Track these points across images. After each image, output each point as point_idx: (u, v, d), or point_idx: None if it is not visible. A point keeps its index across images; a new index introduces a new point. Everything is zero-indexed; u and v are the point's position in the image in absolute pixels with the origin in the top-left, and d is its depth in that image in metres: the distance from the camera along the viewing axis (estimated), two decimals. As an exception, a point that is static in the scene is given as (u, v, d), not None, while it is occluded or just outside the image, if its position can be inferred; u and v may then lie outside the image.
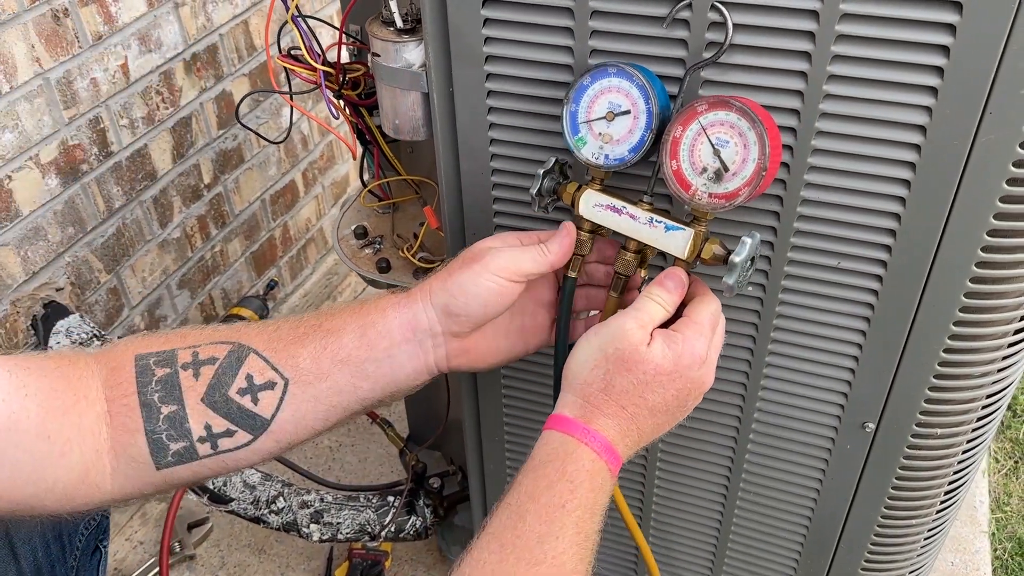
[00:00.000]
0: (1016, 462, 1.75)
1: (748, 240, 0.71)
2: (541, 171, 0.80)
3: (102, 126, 1.40)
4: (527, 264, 0.76)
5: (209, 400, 0.67)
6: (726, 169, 0.69)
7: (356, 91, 1.02)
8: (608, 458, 0.68)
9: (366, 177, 1.17)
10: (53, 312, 1.36)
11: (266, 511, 1.36)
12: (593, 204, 0.77)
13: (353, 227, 1.15)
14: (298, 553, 1.57)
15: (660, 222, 0.74)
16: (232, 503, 1.36)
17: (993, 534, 1.61)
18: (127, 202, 1.49)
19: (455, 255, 0.99)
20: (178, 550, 1.55)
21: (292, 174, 1.94)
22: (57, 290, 1.39)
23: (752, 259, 0.73)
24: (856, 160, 0.76)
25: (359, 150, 1.14)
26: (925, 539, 1.09)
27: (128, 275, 1.53)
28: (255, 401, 0.69)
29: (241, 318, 1.65)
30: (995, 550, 1.58)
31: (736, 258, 0.70)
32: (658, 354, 0.68)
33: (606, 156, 0.76)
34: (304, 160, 1.97)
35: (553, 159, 0.82)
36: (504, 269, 0.75)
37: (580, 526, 0.65)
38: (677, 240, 0.73)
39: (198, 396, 0.67)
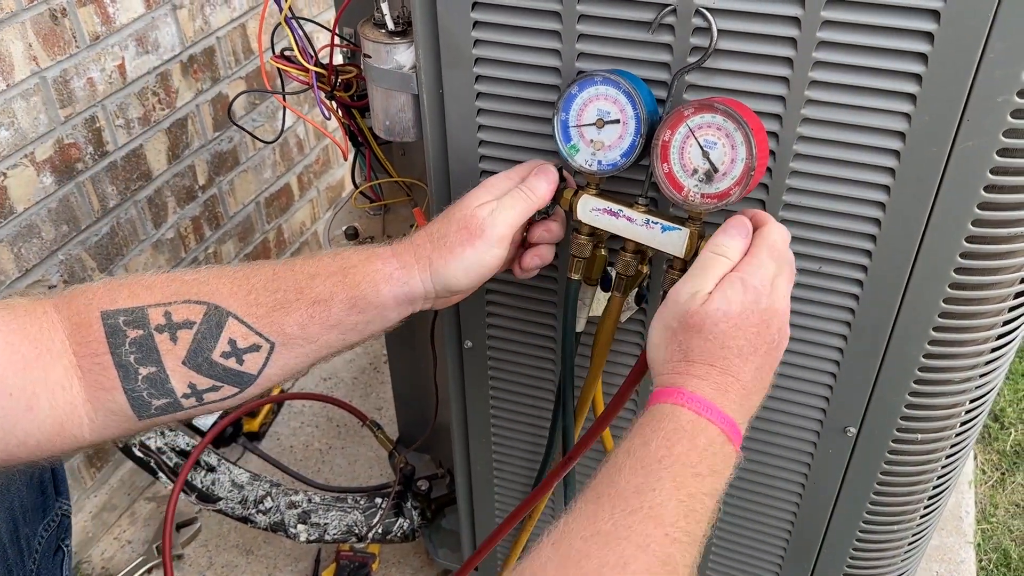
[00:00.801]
0: (1003, 473, 1.76)
1: None
2: None
3: (98, 125, 1.41)
4: (522, 217, 0.75)
5: (192, 363, 0.67)
6: (715, 170, 0.70)
7: (348, 93, 1.03)
8: (712, 416, 0.64)
9: (358, 179, 1.18)
10: (45, 309, 1.36)
11: (254, 511, 1.36)
12: (590, 208, 0.78)
13: (344, 228, 1.16)
14: (286, 554, 1.57)
15: (656, 223, 0.75)
16: (220, 502, 1.36)
17: (979, 545, 1.61)
18: (121, 201, 1.50)
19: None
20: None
21: (287, 177, 1.95)
22: (50, 287, 1.40)
23: None
24: (837, 165, 0.77)
25: (351, 152, 1.15)
26: (908, 544, 1.10)
27: (121, 274, 1.54)
28: (240, 362, 0.68)
29: (233, 319, 1.66)
30: (980, 561, 1.59)
31: None
32: (719, 304, 0.66)
33: (599, 162, 0.77)
34: (299, 164, 1.98)
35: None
36: (505, 237, 0.74)
37: (680, 481, 0.61)
38: (674, 240, 0.75)
39: (179, 359, 0.66)
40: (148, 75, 1.50)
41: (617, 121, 0.74)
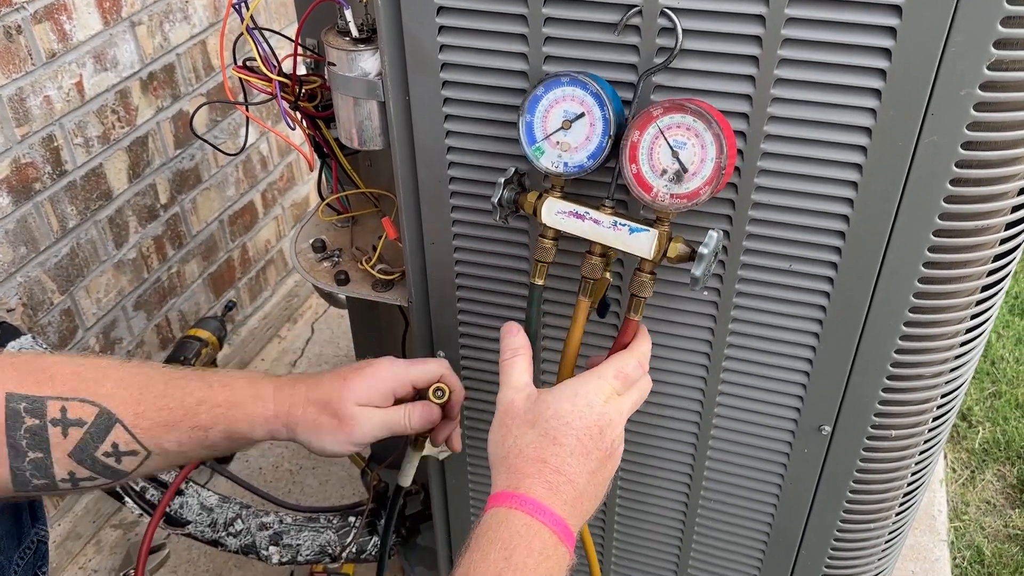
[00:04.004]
0: (972, 472, 1.78)
1: (714, 233, 0.73)
2: (502, 180, 0.81)
3: (56, 144, 1.38)
4: (387, 431, 0.79)
5: (76, 457, 0.73)
6: (685, 170, 0.70)
7: (313, 103, 1.01)
8: (544, 518, 0.66)
9: (324, 191, 1.17)
10: (4, 333, 1.32)
11: (224, 533, 1.33)
12: (555, 211, 0.78)
13: (311, 240, 1.14)
14: (258, 578, 1.54)
15: (624, 224, 0.75)
16: (189, 526, 1.33)
17: (952, 543, 1.63)
18: (81, 221, 1.46)
19: (414, 265, 0.99)
20: (133, 577, 1.51)
21: (251, 195, 1.92)
22: (8, 311, 1.36)
23: (716, 253, 0.74)
24: (804, 163, 0.78)
25: (317, 164, 1.13)
26: (885, 543, 1.10)
27: (82, 296, 1.50)
28: (119, 462, 0.75)
29: (199, 339, 1.63)
30: (954, 559, 1.60)
31: (704, 250, 0.72)
32: (550, 402, 0.70)
33: (565, 164, 0.77)
34: (263, 181, 1.96)
35: (512, 169, 0.82)
36: (364, 441, 0.79)
37: None
38: (642, 241, 0.74)
39: (65, 451, 0.73)
40: (107, 92, 1.47)
41: (583, 116, 0.74)
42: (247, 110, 1.02)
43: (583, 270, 0.80)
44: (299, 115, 1.02)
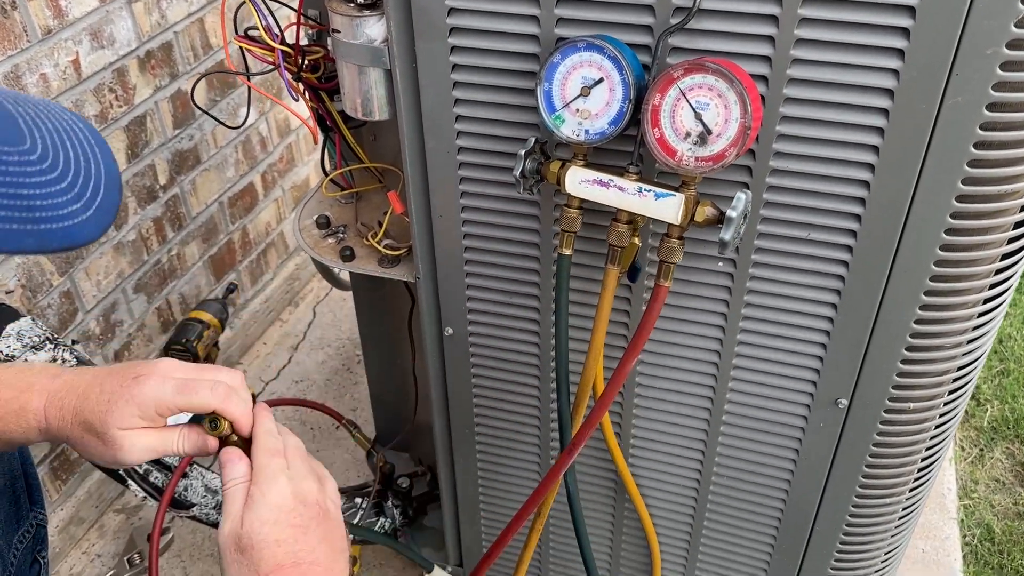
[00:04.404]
0: (981, 450, 1.77)
1: (742, 195, 0.71)
2: (522, 152, 0.79)
3: (52, 123, 1.36)
4: (156, 455, 0.74)
5: None
6: (709, 132, 0.68)
7: (316, 75, 0.99)
8: None
9: (327, 166, 1.14)
10: (2, 315, 1.30)
11: (229, 516, 1.31)
12: (579, 180, 0.76)
13: (315, 217, 1.12)
14: (263, 561, 1.52)
15: (649, 190, 0.73)
16: (193, 508, 1.31)
17: (962, 520, 1.61)
18: (80, 202, 1.44)
19: (422, 240, 0.97)
20: (138, 561, 1.50)
21: (251, 176, 1.90)
22: (7, 292, 1.34)
23: (745, 215, 0.72)
24: (825, 127, 0.75)
25: (320, 139, 1.11)
26: (899, 519, 1.09)
27: (82, 278, 1.48)
28: None
29: (201, 322, 1.61)
30: (964, 537, 1.59)
31: (732, 212, 0.70)
32: (253, 516, 0.70)
33: (586, 132, 0.75)
34: (263, 162, 1.93)
35: (533, 139, 0.80)
36: (132, 463, 0.74)
37: None
38: (669, 206, 0.72)
39: None
40: (104, 71, 1.44)
41: (602, 81, 0.72)
42: (248, 80, 0.99)
43: (610, 238, 0.78)
44: (302, 87, 1.00)
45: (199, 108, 1.10)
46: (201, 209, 1.76)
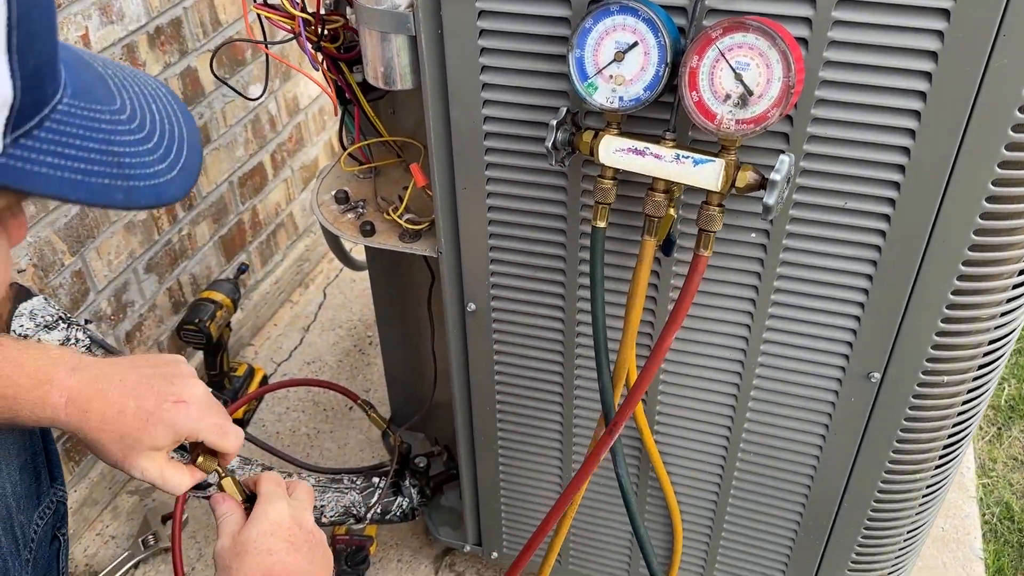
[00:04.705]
0: (999, 428, 1.75)
1: (785, 158, 0.69)
2: (554, 122, 0.77)
3: (62, 99, 1.34)
4: (156, 484, 0.76)
5: None
6: (750, 93, 0.66)
7: (335, 44, 0.97)
8: None
9: (345, 140, 1.12)
10: (15, 294, 1.29)
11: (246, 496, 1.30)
12: (614, 150, 0.74)
13: (334, 192, 1.10)
14: (278, 542, 1.51)
15: (687, 157, 0.71)
16: (210, 488, 1.30)
17: (980, 499, 1.60)
18: (90, 180, 1.42)
19: (445, 213, 0.95)
20: (152, 543, 1.49)
21: (260, 156, 1.88)
22: (19, 272, 1.32)
23: (789, 179, 0.70)
24: (866, 91, 0.73)
25: (338, 115, 1.09)
26: (923, 497, 1.07)
27: (93, 258, 1.46)
28: None
29: (213, 302, 1.59)
30: (983, 515, 1.58)
31: (776, 176, 0.68)
32: (253, 527, 0.76)
33: (620, 98, 0.73)
34: (272, 142, 1.91)
35: (564, 109, 0.78)
36: (134, 477, 0.76)
37: None
38: (708, 173, 0.70)
39: None
40: (113, 46, 1.42)
41: (636, 46, 0.70)
42: (267, 47, 0.97)
43: (646, 208, 0.76)
44: (320, 57, 0.98)
45: (218, 78, 1.07)
46: (211, 189, 1.74)
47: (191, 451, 0.80)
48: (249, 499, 0.81)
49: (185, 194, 0.52)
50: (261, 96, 1.13)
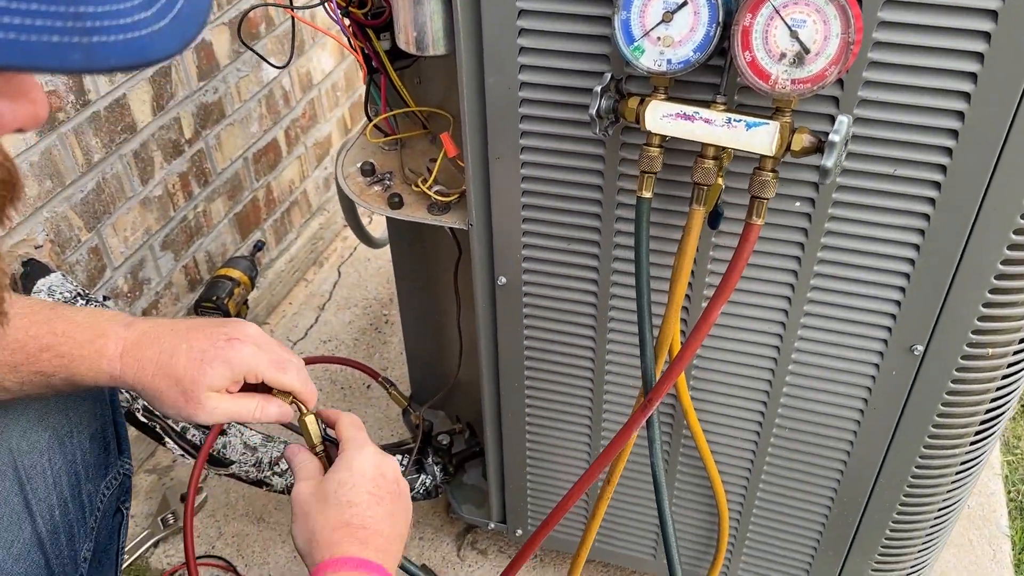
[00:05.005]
0: (1023, 405, 1.74)
1: (844, 119, 0.67)
2: (598, 88, 0.74)
3: (78, 72, 1.32)
4: (231, 420, 0.75)
5: None
6: (807, 51, 0.64)
7: (363, 10, 0.95)
8: (367, 569, 0.70)
9: (370, 111, 1.10)
10: (33, 270, 1.27)
11: (269, 473, 1.29)
12: (661, 115, 0.72)
13: (360, 164, 1.08)
14: (299, 521, 1.50)
15: (740, 121, 0.69)
16: (232, 466, 1.29)
17: (1006, 476, 1.59)
18: (106, 155, 1.40)
19: (477, 184, 0.93)
20: (172, 521, 1.48)
21: (274, 132, 1.85)
22: (36, 247, 1.31)
23: (846, 141, 0.68)
24: (921, 53, 0.71)
25: (362, 86, 1.06)
26: (957, 473, 1.06)
27: (110, 234, 1.44)
28: None
29: (231, 279, 1.57)
30: (1008, 492, 1.57)
31: (835, 137, 0.66)
32: (335, 476, 0.74)
33: (668, 61, 0.70)
34: (286, 117, 1.88)
35: (608, 75, 0.76)
36: (202, 423, 0.76)
37: None
38: (761, 137, 0.68)
39: None
40: (128, 19, 1.39)
41: (685, 5, 0.67)
42: (292, 9, 0.95)
43: (695, 176, 0.74)
44: (348, 23, 0.95)
45: (245, 45, 1.06)
46: (226, 165, 1.71)
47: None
48: (329, 441, 0.81)
49: (181, 49, 0.39)
50: (287, 64, 1.10)
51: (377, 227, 1.95)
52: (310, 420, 0.79)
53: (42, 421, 0.81)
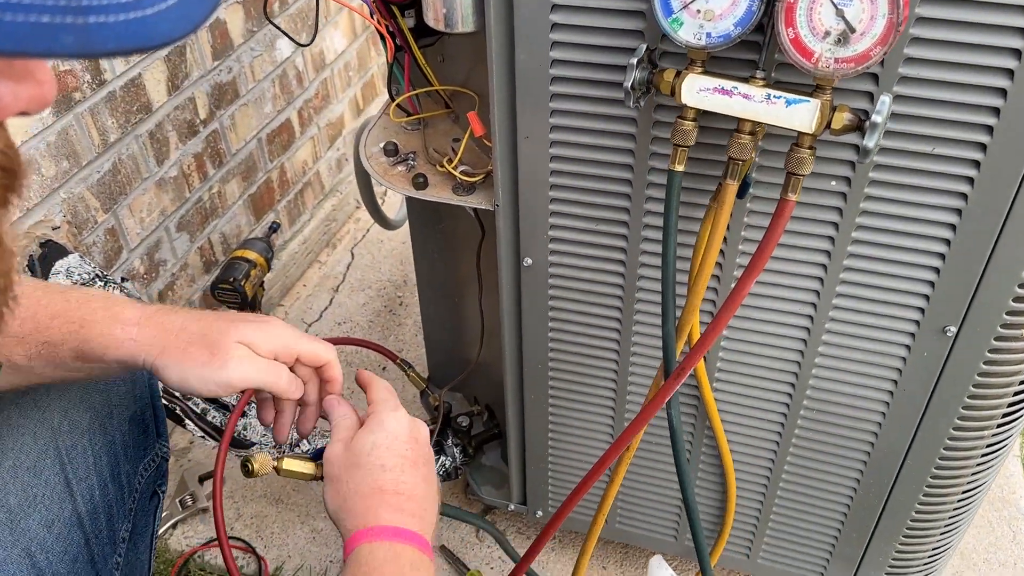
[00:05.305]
0: (1040, 387, 1.73)
1: (885, 98, 0.65)
2: (634, 60, 0.73)
3: (94, 51, 1.30)
4: (259, 386, 0.72)
5: None
6: (852, 30, 0.63)
7: (389, -12, 0.93)
8: (402, 538, 0.68)
9: (393, 91, 1.09)
10: (51, 251, 1.26)
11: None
12: (698, 89, 0.70)
13: (383, 144, 1.07)
14: (317, 501, 1.51)
15: (779, 97, 0.67)
16: (253, 448, 1.29)
17: (1024, 458, 1.59)
18: (122, 136, 1.39)
19: (504, 163, 0.92)
20: (190, 503, 1.48)
21: (288, 112, 1.84)
22: (53, 228, 1.30)
23: (887, 120, 0.67)
24: (964, 29, 0.70)
25: (379, 69, 1.05)
26: (982, 456, 1.05)
27: (126, 215, 1.44)
28: None
29: (247, 260, 1.56)
30: (1026, 474, 1.56)
31: (877, 117, 0.65)
32: (365, 439, 0.71)
33: (708, 35, 0.69)
34: (299, 98, 1.87)
35: (643, 47, 0.75)
36: (230, 383, 0.71)
37: None
38: (801, 114, 0.67)
39: None
40: None
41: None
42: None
43: (730, 151, 0.73)
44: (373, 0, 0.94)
45: (271, 23, 1.04)
46: (240, 146, 1.70)
47: None
48: None
49: (188, 33, 0.35)
50: (312, 41, 1.09)
51: (390, 209, 1.94)
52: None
53: (83, 402, 0.81)
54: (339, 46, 2.00)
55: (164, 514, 1.47)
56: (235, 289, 1.51)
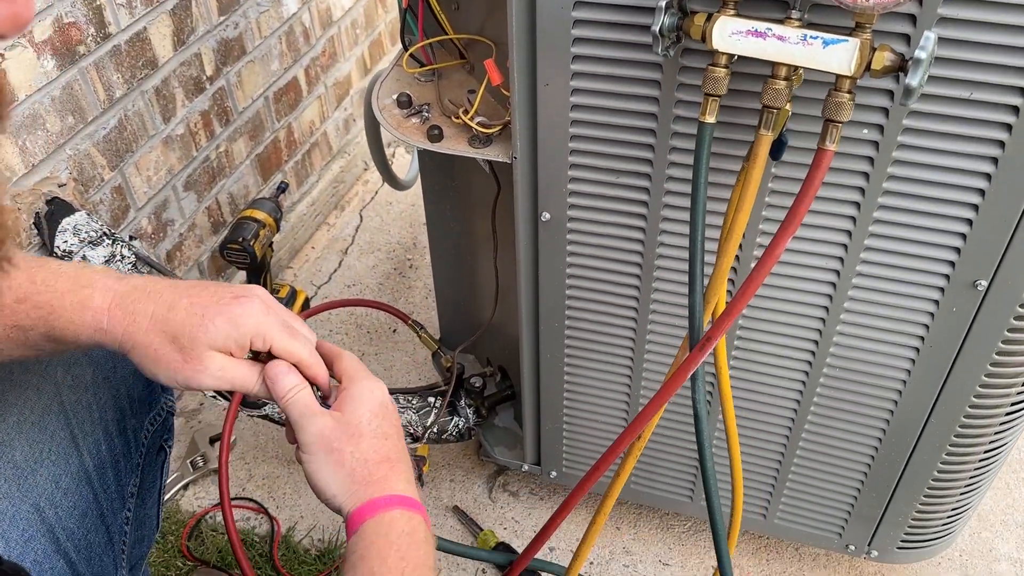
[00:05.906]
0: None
1: (930, 34, 0.63)
2: (662, 3, 0.70)
3: (98, 3, 1.27)
4: (231, 387, 0.68)
5: None
6: None
7: (403, -70, 0.90)
8: (415, 509, 0.68)
9: (406, 40, 1.06)
10: (57, 209, 1.24)
11: (301, 415, 1.28)
12: (730, 32, 0.67)
13: (396, 95, 1.04)
14: (328, 463, 1.50)
15: (816, 37, 0.64)
16: (265, 407, 1.27)
17: (1041, 421, 1.57)
18: (128, 91, 1.36)
19: (522, 113, 0.89)
20: (202, 464, 1.47)
21: (294, 70, 1.80)
22: (60, 186, 1.28)
23: (931, 60, 0.64)
24: (1010, -36, 0.67)
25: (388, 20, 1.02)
26: (1006, 414, 1.03)
27: (132, 173, 1.41)
28: None
29: (256, 220, 1.54)
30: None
31: (921, 54, 0.62)
32: (353, 410, 0.69)
33: None
34: (306, 55, 1.83)
35: None
36: (201, 387, 0.67)
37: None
38: (840, 55, 0.64)
39: None
40: (146, -51, 1.34)
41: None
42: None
43: (764, 98, 0.70)
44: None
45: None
46: (247, 104, 1.67)
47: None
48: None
49: None
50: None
51: (399, 171, 1.91)
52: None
53: (87, 355, 0.79)
54: (346, 2, 1.96)
55: (175, 475, 1.46)
56: (244, 249, 1.48)
